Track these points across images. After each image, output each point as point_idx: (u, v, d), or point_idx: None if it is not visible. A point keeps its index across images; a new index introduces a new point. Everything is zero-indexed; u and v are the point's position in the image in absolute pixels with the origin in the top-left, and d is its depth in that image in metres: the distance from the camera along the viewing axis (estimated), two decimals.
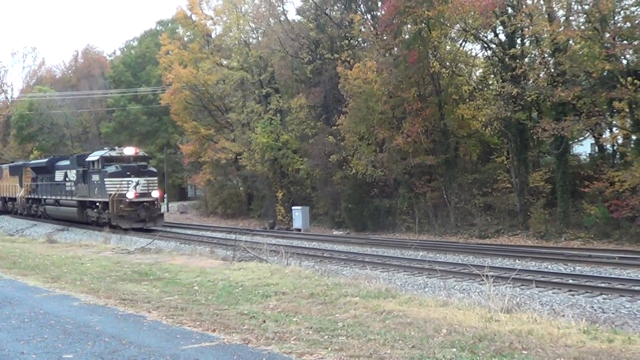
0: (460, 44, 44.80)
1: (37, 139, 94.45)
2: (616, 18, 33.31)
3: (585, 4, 33.95)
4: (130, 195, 45.61)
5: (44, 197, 59.60)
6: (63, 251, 30.43)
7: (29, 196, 64.28)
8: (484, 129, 41.23)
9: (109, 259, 26.32)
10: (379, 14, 48.24)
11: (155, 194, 47.34)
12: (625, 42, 32.66)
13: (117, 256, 27.69)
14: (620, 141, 35.80)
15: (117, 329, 13.39)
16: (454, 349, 10.82)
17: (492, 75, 44.55)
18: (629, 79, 31.84)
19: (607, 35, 32.56)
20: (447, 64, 42.24)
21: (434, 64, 40.33)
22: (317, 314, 14.18)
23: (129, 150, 49.04)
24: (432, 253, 31.07)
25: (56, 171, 56.41)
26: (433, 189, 42.98)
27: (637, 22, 32.09)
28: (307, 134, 52.06)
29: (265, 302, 15.67)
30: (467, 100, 42.10)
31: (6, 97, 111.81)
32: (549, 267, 25.64)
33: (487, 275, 16.32)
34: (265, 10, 57.97)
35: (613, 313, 17.37)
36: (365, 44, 50.86)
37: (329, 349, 11.19)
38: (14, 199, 69.97)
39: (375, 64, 43.34)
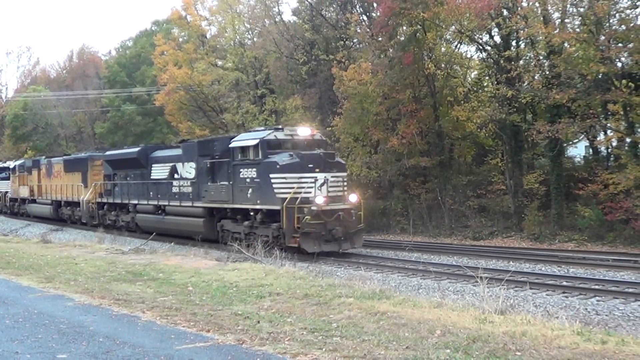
0: (456, 46, 44.84)
1: (32, 139, 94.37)
2: (611, 21, 33.35)
3: (581, 7, 34.01)
4: (320, 200, 29.22)
5: (133, 201, 42.63)
6: (57, 251, 30.40)
7: (102, 200, 47.44)
8: (478, 130, 41.29)
9: (103, 259, 26.31)
10: (374, 15, 48.26)
11: (354, 197, 31.28)
12: (620, 44, 32.71)
13: (111, 256, 27.67)
14: (614, 144, 35.85)
15: (111, 329, 13.39)
16: (448, 350, 10.85)
17: (487, 77, 44.63)
18: (624, 81, 31.91)
19: (602, 37, 32.62)
20: (442, 65, 42.28)
21: (429, 65, 40.35)
22: (312, 314, 14.19)
23: (304, 131, 32.54)
24: (426, 254, 31.06)
25: (153, 165, 40.80)
26: (427, 191, 42.99)
27: (632, 25, 32.14)
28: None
29: (260, 303, 15.69)
30: (462, 102, 42.15)
31: (0, 97, 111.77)
32: (543, 269, 25.65)
33: (481, 277, 16.35)
34: (261, 11, 57.92)
35: (607, 315, 17.38)
36: (361, 45, 50.89)
37: (323, 349, 11.21)
38: (73, 204, 52.05)
39: (371, 65, 43.32)
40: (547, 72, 35.87)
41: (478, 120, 39.51)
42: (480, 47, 41.99)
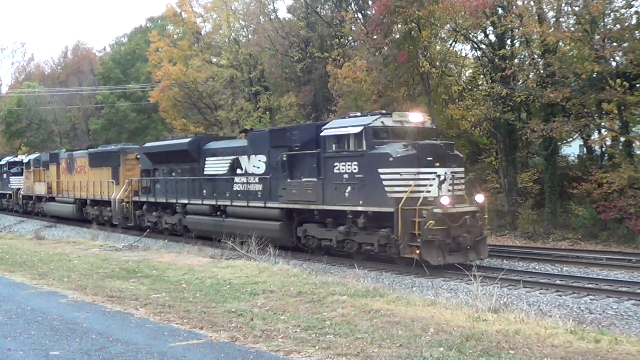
0: (450, 44, 44.78)
1: (25, 135, 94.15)
2: (606, 20, 33.37)
3: (576, 6, 34.02)
4: (445, 201, 23.87)
5: (181, 200, 36.96)
6: (51, 248, 30.37)
7: (139, 199, 41.56)
8: (473, 129, 41.22)
9: (96, 256, 26.30)
10: (369, 13, 48.23)
11: (480, 198, 25.98)
12: (614, 44, 32.73)
13: (104, 253, 27.65)
14: (608, 143, 35.83)
15: (105, 326, 13.40)
16: (442, 348, 10.87)
17: (481, 76, 44.58)
18: (618, 80, 31.91)
19: (597, 37, 32.63)
20: (437, 64, 42.19)
21: (424, 63, 40.28)
22: (305, 312, 14.21)
23: (416, 117, 27.18)
24: None
25: (207, 158, 35.50)
26: None
27: (626, 24, 32.16)
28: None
29: (253, 300, 15.70)
30: (457, 100, 42.07)
31: None
32: (537, 267, 25.64)
33: (474, 275, 16.36)
34: (256, 8, 57.94)
35: (600, 314, 17.41)
36: (356, 43, 50.82)
37: (317, 347, 11.23)
38: (101, 203, 46.49)
39: (365, 63, 43.31)
40: (542, 71, 35.85)
41: (472, 118, 39.43)
42: (475, 46, 41.96)
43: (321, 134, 27.31)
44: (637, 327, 16.03)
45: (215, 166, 34.80)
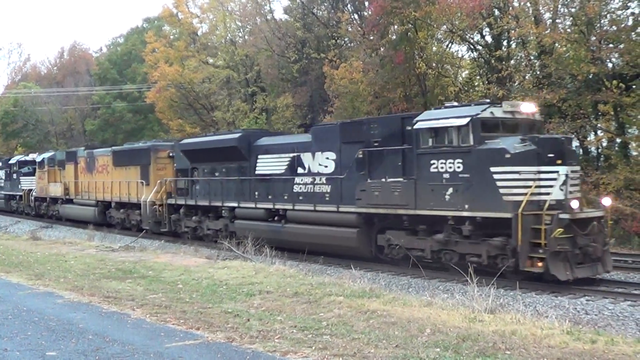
0: (447, 45, 44.88)
1: (22, 136, 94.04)
2: (602, 21, 33.40)
3: (572, 7, 34.07)
4: (575, 205, 21.07)
5: (228, 204, 32.73)
6: (47, 248, 30.32)
7: (175, 201, 37.49)
8: None
9: (92, 257, 26.27)
10: (366, 14, 48.29)
11: (608, 201, 23.02)
12: (611, 45, 32.79)
13: (101, 254, 27.61)
14: (604, 144, 35.90)
15: (101, 326, 13.39)
16: (438, 349, 10.88)
17: (478, 77, 44.66)
18: (614, 82, 31.98)
19: (593, 38, 32.68)
20: (434, 65, 42.27)
21: (420, 64, 40.36)
22: (301, 312, 14.21)
23: (528, 107, 23.45)
24: None
25: (259, 155, 31.50)
26: None
27: (622, 25, 32.21)
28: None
29: (250, 301, 15.69)
30: (453, 101, 42.14)
31: None
32: None
33: (471, 276, 16.36)
34: (252, 9, 58.03)
35: (596, 314, 17.42)
36: (352, 44, 50.86)
37: (313, 347, 11.23)
38: (128, 206, 42.38)
39: (362, 64, 43.36)
40: (538, 72, 35.93)
41: None
42: (472, 47, 42.06)
43: (414, 126, 23.31)
44: (633, 328, 16.05)
45: (269, 165, 30.99)
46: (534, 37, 35.23)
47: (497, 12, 38.40)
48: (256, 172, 31.51)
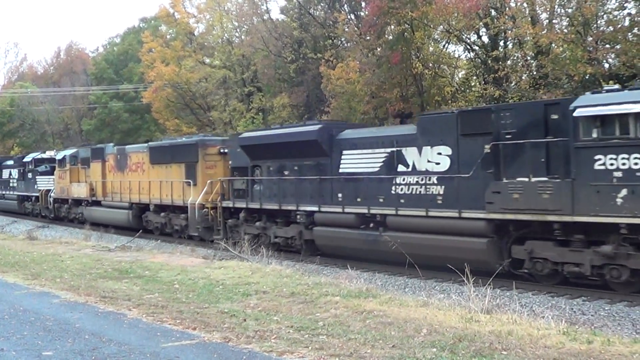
0: (444, 46, 44.89)
1: (18, 136, 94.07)
2: (599, 22, 33.46)
3: (569, 8, 34.11)
4: None
5: (304, 207, 28.33)
6: (43, 248, 30.29)
7: (231, 204, 32.66)
8: None
9: (89, 257, 26.24)
10: (362, 14, 48.29)
11: None
12: (607, 45, 32.83)
13: (97, 254, 27.58)
14: None
15: (97, 326, 13.38)
16: (434, 349, 10.88)
17: (474, 77, 44.64)
18: (611, 82, 31.94)
19: (590, 38, 32.71)
20: (430, 65, 42.26)
21: (417, 65, 40.33)
22: (298, 312, 14.20)
23: None
24: None
25: (344, 151, 27.15)
26: None
27: (619, 26, 32.25)
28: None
29: (246, 301, 15.68)
30: (450, 101, 42.12)
31: None
32: None
33: (467, 276, 16.36)
34: (249, 9, 58.10)
35: (593, 315, 17.43)
36: (349, 44, 50.88)
37: (310, 347, 11.23)
38: (171, 209, 37.65)
39: (358, 64, 43.40)
40: (535, 73, 35.93)
41: None
42: (468, 47, 42.04)
43: (574, 114, 19.28)
44: (629, 328, 16.06)
45: (358, 162, 26.53)
46: (531, 37, 35.24)
47: (493, 13, 38.39)
48: (340, 171, 27.07)
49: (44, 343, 12.00)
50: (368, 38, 43.76)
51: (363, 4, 46.99)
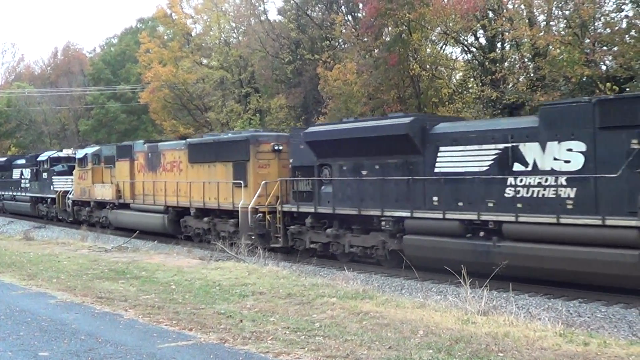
0: (441, 47, 44.91)
1: (15, 136, 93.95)
2: (596, 24, 33.47)
3: (566, 10, 34.13)
4: None
5: (391, 212, 24.59)
6: (40, 249, 30.26)
7: (298, 209, 28.67)
8: None
9: (85, 257, 26.23)
10: (360, 15, 48.31)
11: None
12: (604, 48, 32.85)
13: (94, 254, 27.57)
14: None
15: (94, 327, 13.37)
16: (431, 351, 10.88)
17: (472, 79, 44.66)
18: (608, 84, 32.04)
19: (587, 40, 32.74)
20: (428, 66, 42.28)
21: (414, 66, 40.35)
22: (294, 314, 14.20)
23: None
24: None
25: (441, 147, 23.50)
26: None
27: (616, 28, 32.26)
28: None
29: (243, 302, 15.68)
30: (447, 103, 42.19)
31: None
32: None
33: (464, 277, 16.35)
34: (246, 10, 58.07)
35: (589, 317, 17.44)
36: (346, 46, 50.88)
37: (306, 349, 11.23)
38: (215, 213, 33.84)
39: (356, 65, 43.37)
40: (532, 74, 35.96)
41: None
42: (466, 49, 42.06)
43: None
44: (625, 330, 16.07)
45: (460, 160, 22.93)
46: (528, 39, 35.29)
47: (491, 14, 38.39)
48: (436, 170, 23.42)
49: (40, 344, 12.00)
50: (365, 39, 43.79)
51: (360, 5, 47.01)
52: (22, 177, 58.79)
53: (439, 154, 23.33)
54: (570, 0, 32.85)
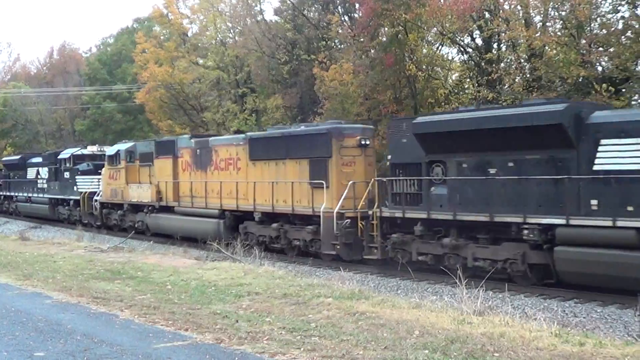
0: (437, 48, 44.90)
1: (11, 136, 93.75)
2: (592, 25, 33.49)
3: (562, 11, 34.14)
4: None
5: (537, 219, 20.27)
6: (35, 249, 30.26)
7: (403, 214, 23.85)
8: None
9: (81, 257, 26.23)
10: (356, 15, 48.31)
11: None
12: (600, 48, 32.85)
13: (89, 254, 27.57)
14: None
15: (89, 327, 13.37)
16: (427, 351, 10.88)
17: (468, 79, 44.65)
18: (604, 85, 32.01)
19: (583, 41, 32.72)
20: (424, 67, 42.26)
21: (411, 67, 40.31)
22: (290, 314, 14.21)
23: None
24: None
25: (602, 140, 19.43)
26: None
27: (612, 29, 32.28)
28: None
29: (238, 302, 15.69)
30: (443, 104, 42.17)
31: None
32: None
33: (460, 278, 16.36)
34: (242, 10, 58.04)
35: (584, 317, 17.45)
36: (342, 46, 50.84)
37: (302, 349, 11.24)
38: (288, 218, 29.17)
39: (352, 65, 43.36)
40: (528, 75, 35.97)
41: None
42: (462, 49, 42.07)
43: None
44: (621, 330, 16.08)
45: (629, 155, 18.85)
46: (524, 40, 35.28)
47: (487, 15, 38.39)
48: (595, 168, 19.36)
49: (35, 344, 11.99)
50: (362, 40, 43.74)
51: (357, 5, 47.00)
52: (39, 176, 54.08)
53: (600, 148, 19.36)
54: (567, 1, 32.84)
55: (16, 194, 58.77)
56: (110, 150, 43.51)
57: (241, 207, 31.25)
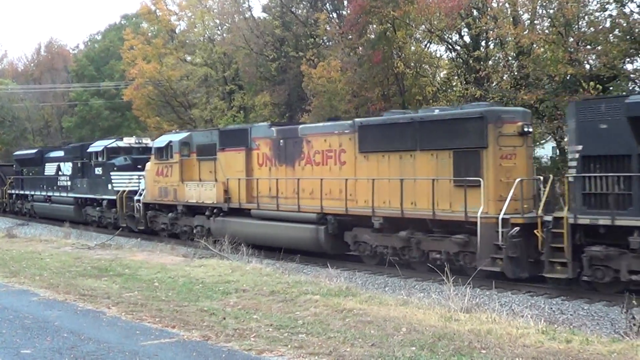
0: (425, 45, 44.95)
1: None
2: (580, 23, 33.59)
3: (550, 9, 34.22)
4: None
5: None
6: (23, 246, 30.10)
7: (613, 221, 17.79)
8: None
9: (68, 254, 26.10)
10: (344, 13, 48.33)
11: None
12: (588, 47, 32.96)
13: (77, 251, 27.44)
14: None
15: (76, 324, 13.33)
16: (414, 348, 10.89)
17: (456, 77, 44.69)
18: (592, 83, 32.11)
19: (571, 39, 32.84)
20: (412, 64, 42.28)
21: (399, 64, 40.32)
22: (278, 311, 14.19)
23: None
24: None
25: None
26: None
27: (600, 27, 32.36)
28: None
29: (226, 299, 15.66)
30: (431, 101, 42.18)
31: None
32: None
33: (447, 275, 16.37)
34: (230, 7, 57.99)
35: (571, 314, 17.50)
36: (330, 43, 50.87)
37: (289, 346, 11.23)
38: (413, 224, 23.30)
39: (340, 63, 43.40)
40: (516, 73, 36.05)
41: None
42: (450, 47, 42.11)
43: None
44: (608, 327, 16.10)
45: None
46: (512, 37, 35.37)
47: (475, 13, 38.45)
48: None
49: (22, 341, 11.95)
50: (350, 37, 43.80)
51: (345, 2, 47.04)
52: (60, 172, 48.17)
53: None
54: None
55: (32, 193, 52.51)
56: (158, 141, 37.20)
57: (351, 210, 25.37)
